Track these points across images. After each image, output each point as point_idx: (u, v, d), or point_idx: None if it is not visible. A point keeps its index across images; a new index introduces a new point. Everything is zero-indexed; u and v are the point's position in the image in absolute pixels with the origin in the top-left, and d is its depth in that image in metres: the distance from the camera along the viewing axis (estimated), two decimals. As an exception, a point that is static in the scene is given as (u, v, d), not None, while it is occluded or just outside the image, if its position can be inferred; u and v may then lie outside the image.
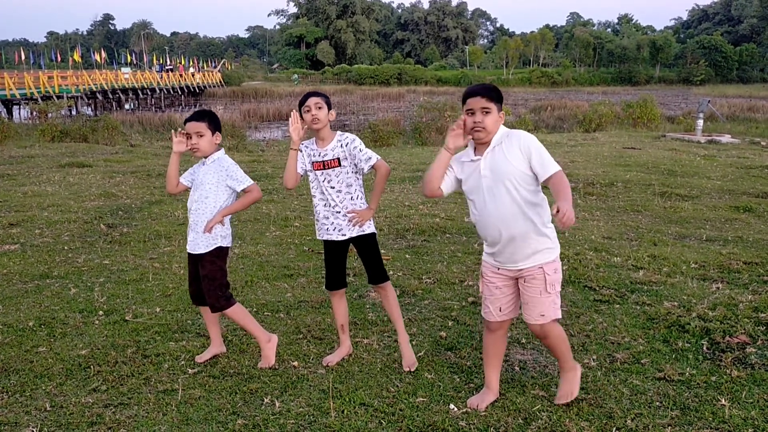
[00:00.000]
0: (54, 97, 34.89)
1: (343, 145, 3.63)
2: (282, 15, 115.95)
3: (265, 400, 3.38)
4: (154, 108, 44.23)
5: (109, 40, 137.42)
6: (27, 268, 5.79)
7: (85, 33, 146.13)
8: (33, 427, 3.12)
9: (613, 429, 3.04)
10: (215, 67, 79.41)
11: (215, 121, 3.73)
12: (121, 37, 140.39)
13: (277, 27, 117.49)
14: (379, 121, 20.64)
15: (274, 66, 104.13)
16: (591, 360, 3.79)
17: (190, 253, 3.73)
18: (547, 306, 3.09)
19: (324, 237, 3.73)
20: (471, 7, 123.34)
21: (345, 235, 3.68)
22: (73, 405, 3.33)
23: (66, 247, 6.53)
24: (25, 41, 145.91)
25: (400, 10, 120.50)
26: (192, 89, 58.92)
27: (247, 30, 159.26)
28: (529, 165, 2.99)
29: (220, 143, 3.77)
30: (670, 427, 3.06)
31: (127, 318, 4.54)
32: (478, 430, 3.06)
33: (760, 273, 5.39)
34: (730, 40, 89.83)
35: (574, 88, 69.17)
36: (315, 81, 76.00)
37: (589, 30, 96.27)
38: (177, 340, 4.18)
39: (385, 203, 8.60)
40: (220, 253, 3.70)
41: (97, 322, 4.49)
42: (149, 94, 51.43)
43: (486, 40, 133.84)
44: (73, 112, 34.27)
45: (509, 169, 2.99)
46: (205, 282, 3.68)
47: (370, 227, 3.72)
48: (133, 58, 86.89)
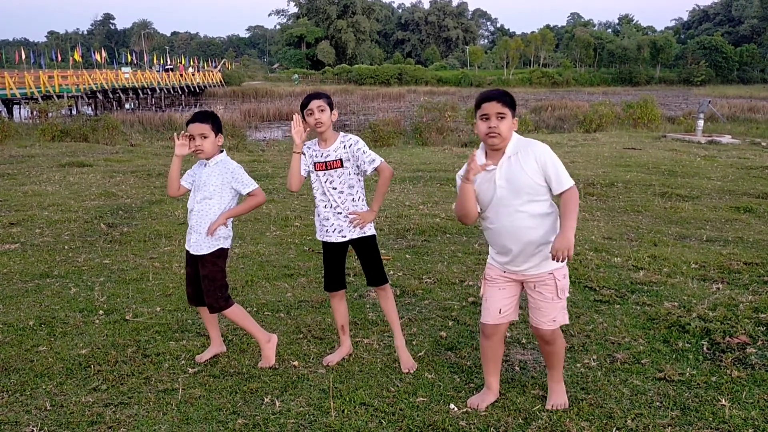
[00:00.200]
0: (54, 96, 34.92)
1: (346, 146, 3.63)
2: (282, 15, 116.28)
3: (265, 399, 3.38)
4: (154, 108, 44.29)
5: (110, 40, 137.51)
6: (27, 268, 5.79)
7: (85, 32, 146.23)
8: (33, 426, 3.12)
9: (613, 429, 3.05)
10: (215, 66, 79.44)
11: (218, 123, 3.72)
12: (122, 37, 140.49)
13: (278, 27, 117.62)
14: (380, 121, 20.63)
15: (275, 66, 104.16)
16: (591, 360, 3.79)
17: (191, 253, 3.73)
18: (558, 311, 3.12)
19: (324, 238, 3.73)
20: (471, 8, 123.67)
21: (345, 236, 3.68)
22: (74, 404, 3.33)
23: (66, 247, 6.53)
24: (26, 41, 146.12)
25: (400, 10, 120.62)
26: (192, 89, 58.96)
27: (247, 30, 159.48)
28: (543, 177, 2.97)
29: (222, 145, 3.76)
30: (670, 427, 3.06)
31: (127, 317, 4.54)
32: (479, 430, 3.06)
33: (760, 273, 5.39)
34: (730, 40, 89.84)
35: (575, 89, 69.17)
36: (315, 81, 76.02)
37: (589, 30, 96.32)
38: (177, 339, 4.18)
39: (386, 203, 8.60)
40: (221, 254, 3.71)
41: (97, 321, 4.49)
42: (149, 93, 51.45)
43: (486, 41, 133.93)
44: (74, 112, 34.25)
45: (526, 181, 2.97)
46: (206, 282, 3.68)
47: (370, 229, 3.72)
48: (134, 58, 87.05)
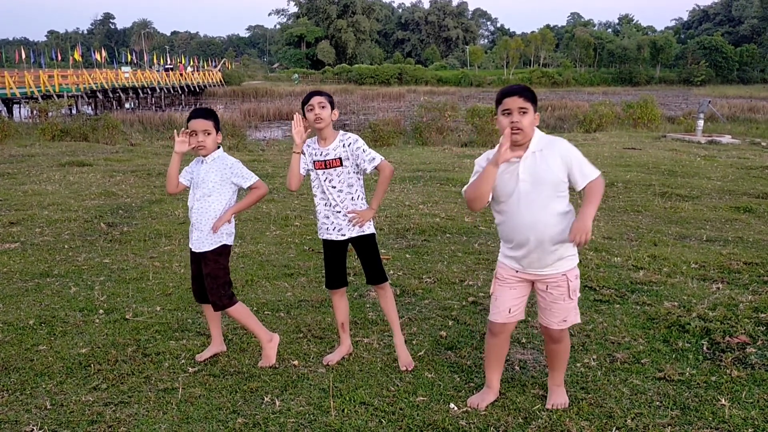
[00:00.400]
0: (54, 96, 34.94)
1: (346, 145, 3.63)
2: (282, 14, 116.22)
3: (265, 398, 3.38)
4: (154, 107, 44.35)
5: (110, 39, 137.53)
6: (27, 267, 5.79)
7: (85, 32, 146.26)
8: (33, 426, 3.12)
9: (613, 429, 3.05)
10: (215, 66, 79.44)
11: (218, 120, 3.75)
12: (122, 36, 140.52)
13: (278, 26, 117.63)
14: (380, 121, 20.62)
15: (275, 65, 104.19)
16: (591, 360, 3.79)
17: (194, 251, 3.74)
18: (570, 311, 3.14)
19: (324, 236, 3.74)
20: (471, 7, 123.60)
21: (344, 235, 3.68)
22: (74, 403, 3.33)
23: (66, 246, 6.53)
24: (26, 40, 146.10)
25: (400, 10, 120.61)
26: (192, 89, 58.98)
27: (247, 29, 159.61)
28: (567, 174, 2.97)
29: (220, 142, 3.77)
30: (670, 427, 3.06)
31: (127, 317, 4.54)
32: (478, 430, 3.06)
33: (760, 273, 5.39)
34: (730, 40, 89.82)
35: (575, 89, 69.17)
36: (315, 81, 76.04)
37: (589, 30, 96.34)
38: (177, 338, 4.18)
39: (386, 203, 8.60)
40: (223, 251, 3.70)
41: (97, 320, 4.49)
42: (149, 93, 51.47)
43: (486, 40, 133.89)
44: (74, 111, 34.21)
45: (550, 176, 2.97)
46: (208, 280, 3.68)
47: (369, 228, 3.72)
48: (134, 57, 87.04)
